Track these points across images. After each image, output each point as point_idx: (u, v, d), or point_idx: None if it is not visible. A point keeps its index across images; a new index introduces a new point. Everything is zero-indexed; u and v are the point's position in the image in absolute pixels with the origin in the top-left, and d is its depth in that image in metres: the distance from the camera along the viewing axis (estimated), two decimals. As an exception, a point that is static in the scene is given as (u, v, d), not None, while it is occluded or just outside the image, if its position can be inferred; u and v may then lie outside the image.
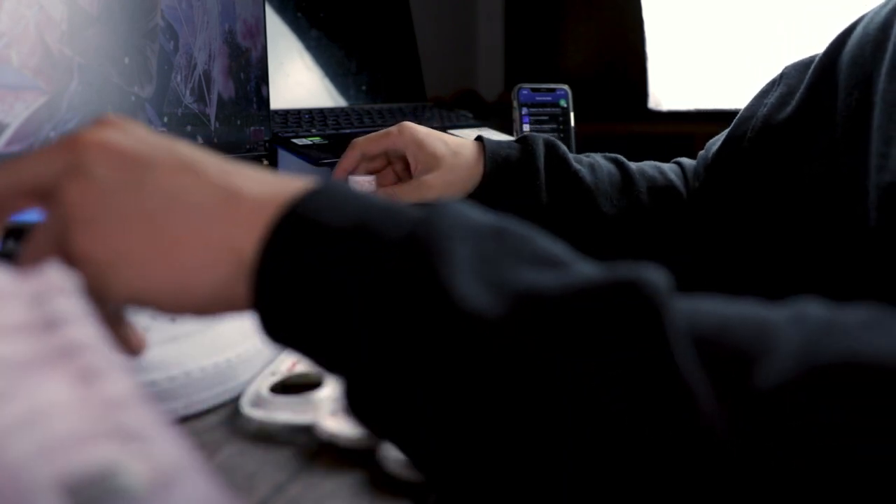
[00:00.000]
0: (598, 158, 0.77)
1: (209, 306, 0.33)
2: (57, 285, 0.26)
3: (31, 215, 0.36)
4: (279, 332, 0.32)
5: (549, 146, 0.75)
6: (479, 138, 0.77)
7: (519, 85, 1.08)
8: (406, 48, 1.44)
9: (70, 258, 0.33)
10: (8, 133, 0.57)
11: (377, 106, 1.34)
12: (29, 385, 0.23)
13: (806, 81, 0.66)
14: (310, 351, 0.31)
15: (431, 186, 0.72)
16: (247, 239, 0.31)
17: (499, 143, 0.76)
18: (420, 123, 0.77)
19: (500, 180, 0.73)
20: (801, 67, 0.69)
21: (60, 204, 0.33)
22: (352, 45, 1.32)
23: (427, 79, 1.44)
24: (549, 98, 1.09)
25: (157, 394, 0.47)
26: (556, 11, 1.70)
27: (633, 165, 0.78)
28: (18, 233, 0.50)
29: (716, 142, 0.78)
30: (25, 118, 0.59)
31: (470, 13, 1.79)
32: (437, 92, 1.53)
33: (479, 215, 0.31)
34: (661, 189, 0.76)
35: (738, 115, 0.74)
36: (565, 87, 1.09)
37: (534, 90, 1.08)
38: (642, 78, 1.60)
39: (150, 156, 0.33)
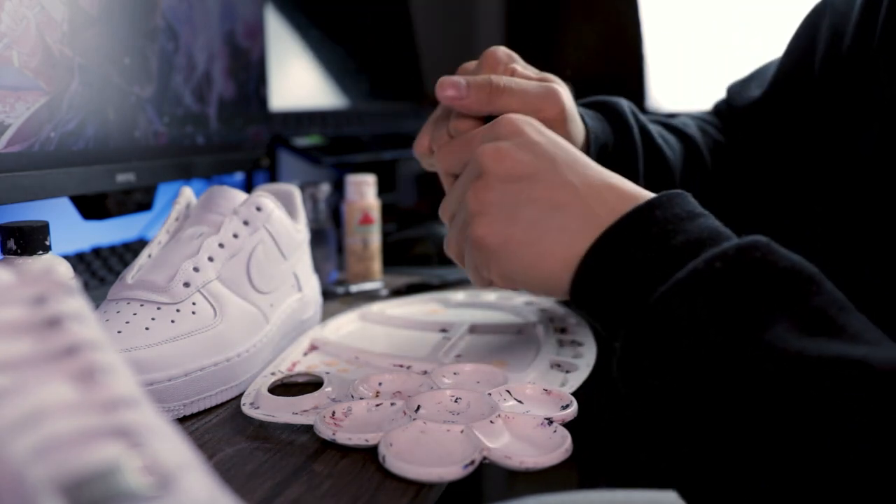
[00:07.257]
0: (657, 127, 0.69)
1: (544, 291, 0.45)
2: (58, 285, 0.26)
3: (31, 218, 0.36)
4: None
5: (639, 122, 0.67)
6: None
7: (519, 85, 1.07)
8: (406, 48, 1.44)
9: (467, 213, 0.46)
10: (9, 133, 0.58)
11: (377, 106, 1.34)
12: (29, 384, 0.23)
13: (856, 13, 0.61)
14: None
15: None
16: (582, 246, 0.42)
17: (593, 119, 0.63)
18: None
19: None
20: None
21: (476, 161, 0.46)
22: (352, 45, 1.32)
23: (427, 79, 1.44)
24: (549, 98, 1.08)
25: (157, 394, 0.47)
26: (556, 11, 1.70)
27: (685, 131, 0.71)
28: (19, 233, 0.50)
29: (749, 83, 0.73)
30: (26, 118, 0.59)
31: (470, 13, 1.79)
32: (438, 92, 1.53)
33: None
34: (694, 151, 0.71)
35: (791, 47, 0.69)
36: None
37: (534, 90, 1.07)
38: (642, 78, 1.60)
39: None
